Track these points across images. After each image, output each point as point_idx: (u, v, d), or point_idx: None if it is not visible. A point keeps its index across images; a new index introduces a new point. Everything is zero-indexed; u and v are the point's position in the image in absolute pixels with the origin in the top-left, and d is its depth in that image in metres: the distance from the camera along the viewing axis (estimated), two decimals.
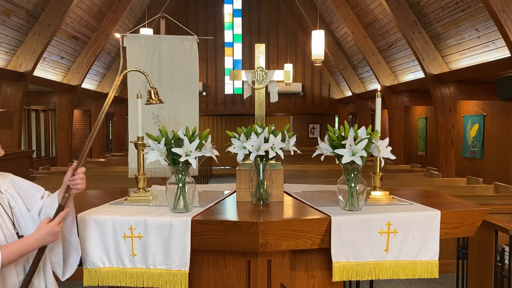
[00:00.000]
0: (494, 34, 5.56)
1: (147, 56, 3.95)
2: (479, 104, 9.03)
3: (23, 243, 1.61)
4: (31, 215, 1.75)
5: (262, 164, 2.20)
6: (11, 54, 6.91)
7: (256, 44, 2.60)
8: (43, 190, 1.85)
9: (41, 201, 1.81)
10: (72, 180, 1.76)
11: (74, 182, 1.76)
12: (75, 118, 13.35)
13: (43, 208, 1.78)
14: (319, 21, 10.53)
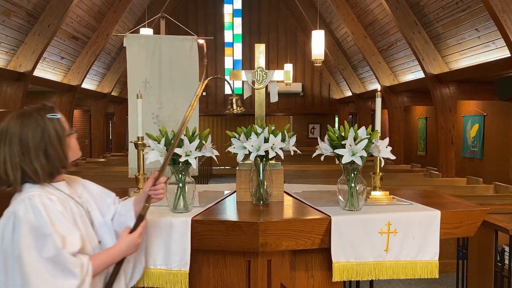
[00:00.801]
0: (494, 34, 5.56)
1: (147, 56, 3.95)
2: (479, 104, 9.03)
3: (108, 254, 1.57)
4: (105, 221, 1.69)
5: (262, 164, 2.20)
6: (11, 54, 6.91)
7: (256, 44, 2.60)
8: (113, 195, 1.78)
9: (114, 207, 1.74)
10: (155, 190, 1.70)
11: (157, 192, 1.70)
12: (75, 118, 13.35)
13: (116, 215, 1.72)
14: (319, 21, 10.53)
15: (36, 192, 1.45)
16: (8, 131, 1.45)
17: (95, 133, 12.18)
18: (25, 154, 1.44)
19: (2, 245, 1.40)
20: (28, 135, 1.44)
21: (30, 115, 1.46)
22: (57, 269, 1.39)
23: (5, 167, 1.44)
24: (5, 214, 1.43)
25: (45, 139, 1.45)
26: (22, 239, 1.36)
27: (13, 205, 1.43)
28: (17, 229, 1.37)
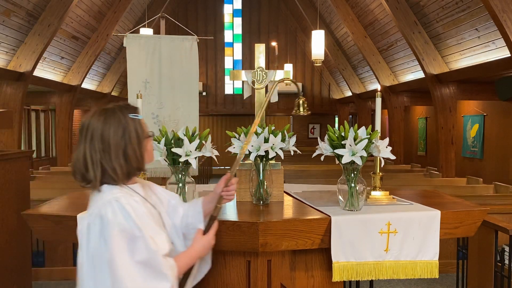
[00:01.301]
0: (494, 34, 5.56)
1: (147, 56, 3.95)
2: (479, 104, 9.03)
3: (188, 256, 1.56)
4: (173, 224, 1.65)
5: (262, 164, 2.20)
6: (11, 54, 6.91)
7: (256, 44, 2.60)
8: (177, 197, 1.75)
9: (181, 209, 1.70)
10: (227, 190, 1.68)
11: (229, 193, 1.69)
12: (75, 118, 13.34)
13: (183, 217, 1.68)
14: (319, 21, 10.53)
15: (120, 194, 1.41)
16: (90, 126, 1.42)
17: None
18: (105, 152, 1.40)
19: (88, 249, 1.37)
20: (110, 132, 1.41)
21: (113, 113, 1.44)
22: (149, 272, 1.36)
23: (86, 162, 1.41)
24: (89, 217, 1.40)
25: (125, 138, 1.43)
26: (113, 242, 1.32)
27: (97, 207, 1.39)
28: (106, 233, 1.34)
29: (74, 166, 1.45)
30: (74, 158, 1.45)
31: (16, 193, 3.43)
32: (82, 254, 1.40)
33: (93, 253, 1.35)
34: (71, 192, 2.69)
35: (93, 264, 1.36)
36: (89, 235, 1.37)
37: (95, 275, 1.35)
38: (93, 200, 1.44)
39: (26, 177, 3.66)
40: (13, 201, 3.39)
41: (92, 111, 1.46)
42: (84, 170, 1.41)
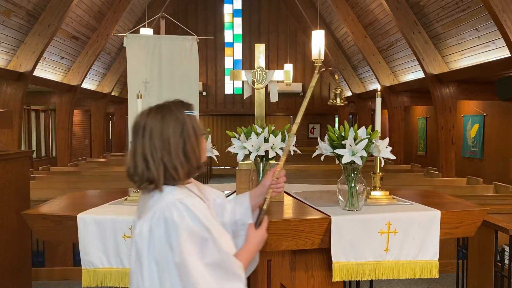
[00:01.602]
0: (494, 34, 5.56)
1: (147, 56, 3.95)
2: (479, 104, 9.03)
3: (246, 252, 1.52)
4: (223, 222, 1.60)
5: (262, 164, 2.20)
6: (11, 54, 6.91)
7: (256, 44, 2.60)
8: (222, 195, 1.70)
9: (229, 207, 1.66)
10: (277, 183, 1.67)
11: (279, 185, 1.68)
12: (75, 118, 13.35)
13: (231, 214, 1.64)
14: (319, 21, 10.53)
15: (182, 195, 1.37)
16: (147, 125, 1.38)
17: (95, 133, 12.18)
18: (166, 150, 1.36)
19: (151, 253, 1.33)
20: (169, 130, 1.37)
21: (170, 110, 1.40)
22: (221, 274, 1.33)
23: (147, 161, 1.36)
24: (150, 220, 1.34)
25: (184, 136, 1.39)
26: (183, 246, 1.28)
27: (159, 210, 1.34)
28: (173, 236, 1.29)
29: (131, 167, 1.39)
30: (130, 158, 1.40)
31: (16, 193, 3.43)
32: (143, 258, 1.35)
33: (158, 257, 1.32)
34: (71, 192, 2.69)
35: (158, 267, 1.32)
36: (152, 238, 1.33)
37: (160, 279, 1.32)
38: (150, 202, 1.39)
39: (26, 177, 3.66)
40: (13, 201, 3.39)
41: (145, 111, 1.42)
42: (145, 169, 1.36)
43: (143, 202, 1.44)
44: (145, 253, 1.34)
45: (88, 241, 1.95)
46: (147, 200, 1.41)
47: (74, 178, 7.47)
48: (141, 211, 1.43)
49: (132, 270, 1.40)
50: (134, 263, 1.39)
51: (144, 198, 1.44)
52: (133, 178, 1.40)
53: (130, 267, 1.43)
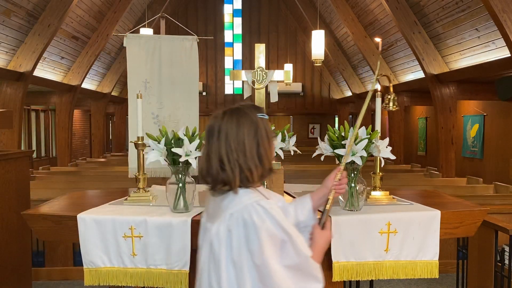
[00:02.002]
0: (494, 34, 5.56)
1: (147, 56, 3.94)
2: (479, 104, 9.03)
3: (317, 253, 1.51)
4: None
5: None
6: (11, 54, 6.91)
7: (256, 44, 2.60)
8: (282, 199, 1.69)
9: (291, 209, 1.65)
10: (339, 184, 1.68)
11: (342, 186, 1.69)
12: (75, 118, 13.36)
13: (294, 217, 1.64)
14: (319, 21, 10.53)
15: (258, 197, 1.37)
16: (223, 128, 1.39)
17: (95, 133, 12.18)
18: (241, 152, 1.38)
19: (231, 254, 1.33)
20: (244, 132, 1.39)
21: (245, 113, 1.42)
22: (301, 276, 1.35)
23: (222, 162, 1.37)
24: (228, 222, 1.35)
25: (257, 138, 1.40)
26: (264, 248, 1.29)
27: (237, 212, 1.35)
28: (254, 238, 1.30)
29: (205, 168, 1.41)
30: (204, 160, 1.42)
31: (16, 193, 3.43)
32: (220, 259, 1.35)
33: (235, 259, 1.33)
34: (71, 192, 2.70)
35: (236, 269, 1.33)
36: (230, 240, 1.34)
37: (238, 280, 1.33)
38: (223, 204, 1.40)
39: (26, 177, 3.66)
40: (13, 201, 3.39)
41: (219, 114, 1.44)
42: (220, 170, 1.38)
43: (214, 203, 1.45)
44: (223, 254, 1.35)
45: (89, 241, 1.95)
46: (219, 202, 1.42)
47: (74, 178, 7.47)
48: (212, 213, 1.45)
49: (202, 269, 1.42)
50: (206, 263, 1.41)
51: (215, 200, 1.45)
52: (206, 179, 1.43)
53: (198, 267, 1.44)
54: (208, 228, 1.42)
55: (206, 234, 1.43)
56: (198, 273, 1.45)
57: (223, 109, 1.45)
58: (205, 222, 1.47)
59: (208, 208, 1.50)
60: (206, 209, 1.53)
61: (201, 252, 1.44)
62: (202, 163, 1.44)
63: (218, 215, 1.40)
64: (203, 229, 1.49)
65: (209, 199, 1.51)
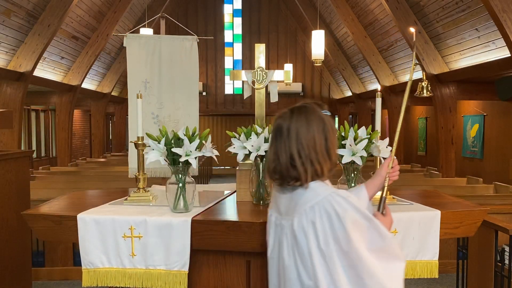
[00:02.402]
0: (494, 34, 5.56)
1: (147, 56, 3.94)
2: (479, 104, 9.03)
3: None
4: None
5: (262, 164, 2.20)
6: (11, 54, 6.91)
7: (256, 44, 2.60)
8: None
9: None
10: (394, 171, 1.75)
11: (396, 173, 1.76)
12: (75, 118, 13.36)
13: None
14: (319, 21, 10.52)
15: (332, 188, 1.45)
16: (292, 126, 1.45)
17: (95, 133, 12.19)
18: (312, 148, 1.43)
19: (318, 245, 1.37)
20: (314, 129, 1.45)
21: (313, 111, 1.49)
22: (387, 257, 1.40)
23: (293, 159, 1.43)
24: (309, 215, 1.40)
25: (325, 134, 1.47)
26: (351, 235, 1.35)
27: (319, 204, 1.40)
28: (339, 227, 1.36)
29: (274, 166, 1.47)
30: (273, 158, 1.47)
31: (16, 193, 3.43)
32: (308, 251, 1.39)
33: (324, 248, 1.37)
34: (71, 192, 2.70)
35: (323, 259, 1.37)
36: (315, 231, 1.38)
37: (330, 270, 1.37)
38: (297, 198, 1.45)
39: (26, 177, 3.66)
40: (13, 201, 3.39)
41: (286, 113, 1.50)
42: (290, 167, 1.43)
43: (285, 200, 1.50)
44: (311, 246, 1.39)
45: (88, 241, 1.95)
46: (290, 198, 1.48)
47: (74, 178, 7.47)
48: (285, 210, 1.49)
49: (286, 266, 1.45)
50: (290, 259, 1.44)
51: (286, 196, 1.50)
52: (273, 176, 1.49)
53: (283, 263, 1.46)
54: (284, 225, 1.48)
55: (283, 231, 1.48)
56: (280, 270, 1.49)
57: (288, 108, 1.52)
58: (278, 220, 1.53)
59: (279, 206, 1.54)
60: (276, 207, 1.57)
61: (282, 250, 1.48)
62: (270, 161, 1.49)
63: (293, 210, 1.45)
64: (276, 227, 1.54)
65: (276, 197, 1.56)
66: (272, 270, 1.56)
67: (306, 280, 1.40)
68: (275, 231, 1.55)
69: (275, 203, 1.58)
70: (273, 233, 1.56)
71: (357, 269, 1.36)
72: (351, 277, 1.36)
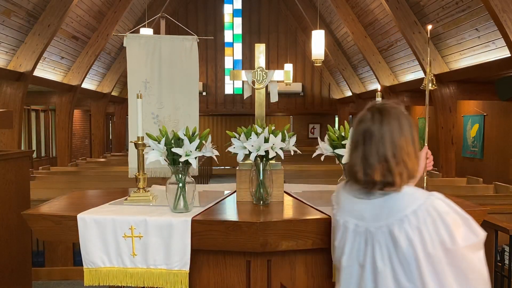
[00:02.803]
0: (494, 34, 5.56)
1: (147, 56, 3.94)
2: (479, 104, 9.03)
3: None
4: None
5: (262, 164, 2.20)
6: (11, 54, 6.91)
7: (256, 44, 2.60)
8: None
9: None
10: (429, 161, 1.80)
11: (431, 163, 1.82)
12: (75, 118, 13.36)
13: None
14: (319, 21, 10.53)
15: (428, 192, 1.43)
16: (385, 128, 1.42)
17: (95, 133, 12.19)
18: (404, 150, 1.41)
19: (426, 249, 1.37)
20: (405, 132, 1.43)
21: (401, 112, 1.46)
22: (478, 249, 1.42)
23: (388, 163, 1.40)
24: (413, 218, 1.38)
25: (412, 136, 1.45)
26: (454, 234, 1.37)
27: (419, 208, 1.39)
28: (443, 227, 1.36)
29: (365, 171, 1.43)
30: (360, 163, 1.44)
31: (16, 193, 3.43)
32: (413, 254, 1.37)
33: (431, 251, 1.36)
34: (71, 192, 2.70)
35: (432, 261, 1.37)
36: (421, 236, 1.37)
37: (437, 272, 1.37)
38: (391, 204, 1.42)
39: (26, 177, 3.66)
40: (13, 201, 3.39)
41: (373, 116, 1.45)
42: (385, 171, 1.40)
43: (371, 205, 1.46)
44: (419, 252, 1.37)
45: (89, 241, 1.95)
46: (381, 203, 1.44)
47: (74, 178, 7.47)
48: (372, 215, 1.45)
49: (381, 271, 1.42)
50: (386, 264, 1.41)
51: (371, 201, 1.46)
52: (360, 181, 1.45)
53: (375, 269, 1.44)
54: (375, 232, 1.44)
55: (375, 238, 1.44)
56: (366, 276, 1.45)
57: (369, 110, 1.47)
58: (361, 227, 1.48)
59: (359, 212, 1.49)
60: (350, 213, 1.52)
61: (372, 256, 1.44)
62: (355, 166, 1.45)
63: (387, 216, 1.42)
64: (356, 234, 1.49)
65: (352, 202, 1.51)
66: (348, 278, 1.51)
67: (405, 282, 1.39)
68: (354, 238, 1.50)
69: (349, 208, 1.53)
70: (351, 240, 1.51)
71: (461, 266, 1.38)
72: (456, 275, 1.38)
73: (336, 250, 1.58)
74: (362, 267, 1.47)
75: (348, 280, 1.51)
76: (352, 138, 1.50)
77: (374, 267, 1.43)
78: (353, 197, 1.51)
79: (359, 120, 1.48)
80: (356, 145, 1.46)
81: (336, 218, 1.59)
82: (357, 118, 1.49)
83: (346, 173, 1.50)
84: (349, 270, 1.50)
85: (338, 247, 1.56)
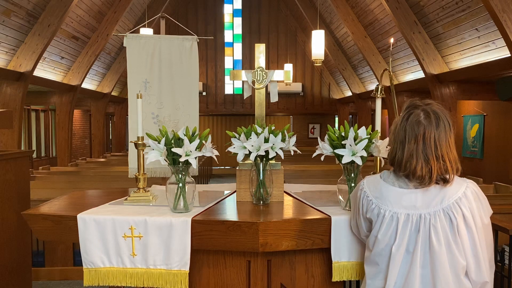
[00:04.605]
0: (494, 34, 5.56)
1: (147, 56, 3.94)
2: (479, 104, 9.03)
3: None
4: None
5: (262, 164, 2.20)
6: (11, 54, 6.91)
7: (256, 44, 2.60)
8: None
9: None
10: None
11: None
12: (75, 118, 13.36)
13: None
14: (319, 21, 10.53)
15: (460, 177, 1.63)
16: (441, 130, 1.56)
17: (95, 133, 12.19)
18: (453, 148, 1.58)
19: (476, 225, 1.55)
20: (451, 130, 1.59)
21: (441, 110, 1.61)
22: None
23: (445, 163, 1.54)
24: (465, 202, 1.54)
25: (451, 130, 1.60)
26: (488, 209, 1.60)
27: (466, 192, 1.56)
28: (482, 205, 1.58)
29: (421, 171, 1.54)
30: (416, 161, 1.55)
31: (16, 193, 3.43)
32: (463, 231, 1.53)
33: (480, 227, 1.56)
34: (71, 192, 2.70)
35: (476, 231, 1.55)
36: (473, 214, 1.55)
37: (487, 241, 1.58)
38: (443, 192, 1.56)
39: (26, 177, 3.66)
40: (13, 201, 3.39)
41: (429, 116, 1.60)
42: (443, 170, 1.55)
43: (423, 195, 1.57)
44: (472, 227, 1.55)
45: (89, 241, 1.95)
46: (436, 192, 1.57)
47: (74, 178, 7.47)
48: (425, 202, 1.57)
49: (437, 252, 1.53)
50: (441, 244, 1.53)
51: (423, 190, 1.57)
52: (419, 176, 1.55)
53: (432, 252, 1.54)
54: (428, 217, 1.56)
55: (430, 222, 1.55)
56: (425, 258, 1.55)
57: (427, 111, 1.61)
58: (414, 215, 1.57)
59: (412, 201, 1.58)
60: (398, 203, 1.60)
61: (431, 239, 1.54)
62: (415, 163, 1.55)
63: (440, 202, 1.56)
64: (407, 222, 1.58)
65: (401, 193, 1.60)
66: (397, 266, 1.58)
67: (460, 260, 1.53)
68: (405, 228, 1.58)
69: (395, 200, 1.61)
70: (402, 230, 1.58)
71: (487, 239, 1.59)
72: (488, 245, 1.59)
73: (379, 242, 1.62)
74: (412, 253, 1.56)
75: (396, 269, 1.58)
76: (402, 133, 1.63)
77: (430, 251, 1.54)
78: (399, 188, 1.61)
79: (414, 119, 1.62)
80: (409, 141, 1.58)
81: (381, 211, 1.63)
82: (406, 115, 1.67)
83: (396, 165, 1.61)
84: (399, 259, 1.57)
85: (382, 239, 1.61)
